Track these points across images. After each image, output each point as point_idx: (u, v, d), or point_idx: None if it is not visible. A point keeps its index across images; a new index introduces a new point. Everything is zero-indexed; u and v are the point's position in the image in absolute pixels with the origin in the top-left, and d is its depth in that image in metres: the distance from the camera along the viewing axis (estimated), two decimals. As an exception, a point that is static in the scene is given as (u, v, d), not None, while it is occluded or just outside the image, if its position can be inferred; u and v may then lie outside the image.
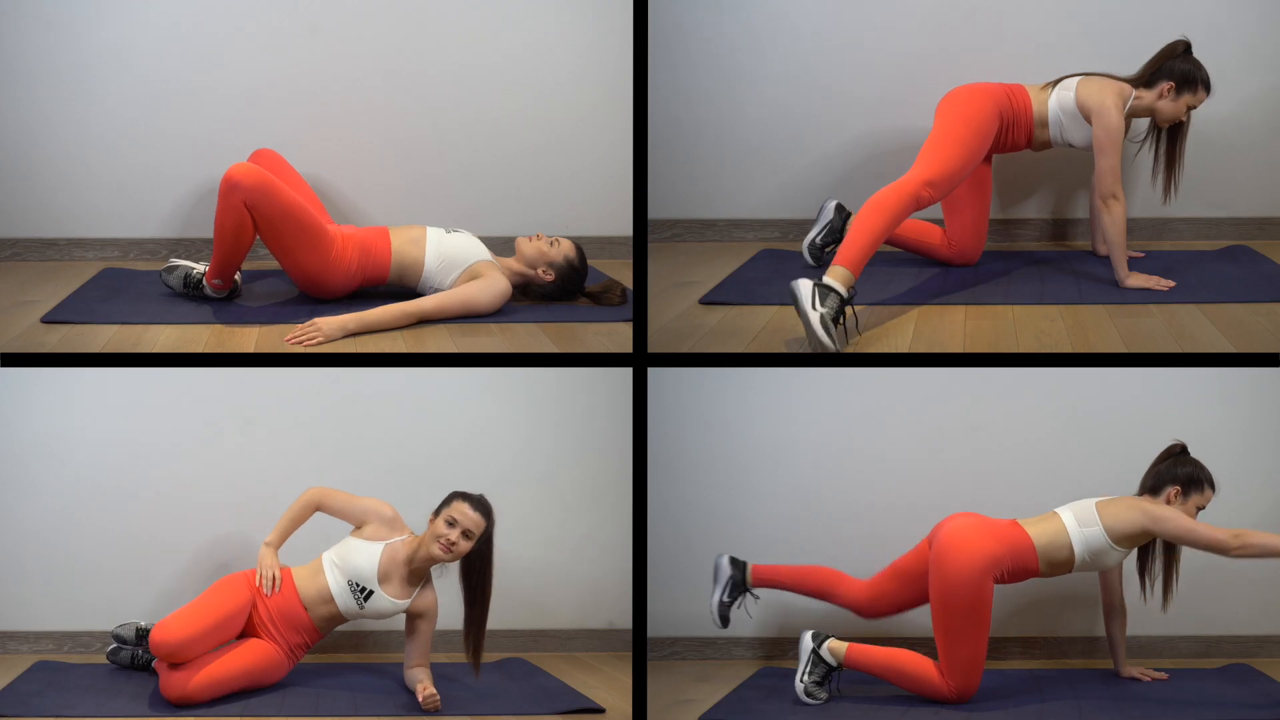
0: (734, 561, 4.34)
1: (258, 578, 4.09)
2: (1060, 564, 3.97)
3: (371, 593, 4.08)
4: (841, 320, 3.94)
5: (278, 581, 4.09)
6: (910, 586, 4.15)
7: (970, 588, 3.87)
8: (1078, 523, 3.97)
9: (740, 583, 4.34)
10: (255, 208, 4.19)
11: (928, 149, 4.31)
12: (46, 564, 4.55)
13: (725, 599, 4.33)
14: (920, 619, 4.46)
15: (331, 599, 4.08)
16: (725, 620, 4.34)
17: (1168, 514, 3.94)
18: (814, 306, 3.90)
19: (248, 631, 4.06)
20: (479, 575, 4.06)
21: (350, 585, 4.08)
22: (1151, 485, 4.07)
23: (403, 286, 4.47)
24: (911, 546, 4.15)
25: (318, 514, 4.23)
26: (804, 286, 3.92)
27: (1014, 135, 4.59)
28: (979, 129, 4.41)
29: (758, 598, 4.39)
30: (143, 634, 4.25)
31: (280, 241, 4.27)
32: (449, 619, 4.31)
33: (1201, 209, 5.07)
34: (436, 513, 4.07)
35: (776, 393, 4.57)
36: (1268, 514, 4.54)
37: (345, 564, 4.09)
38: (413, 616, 4.13)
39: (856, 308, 4.07)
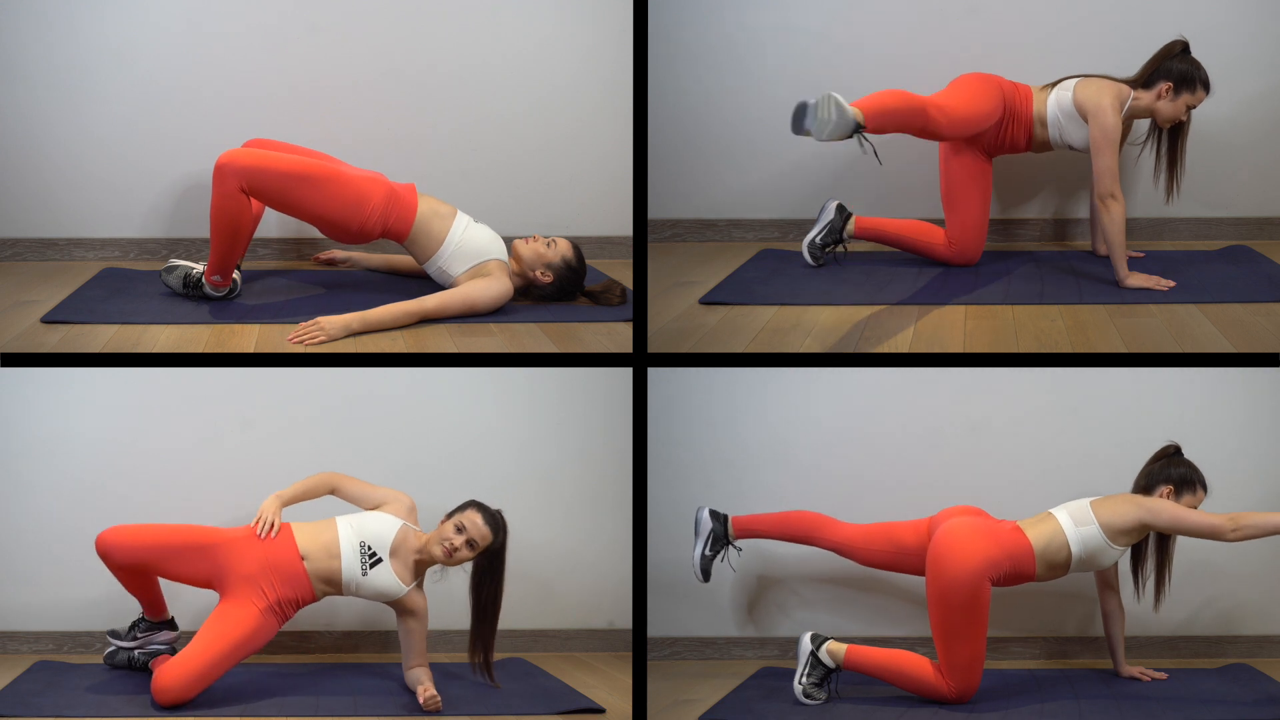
0: (714, 514, 4.32)
1: (255, 521, 4.06)
2: (1058, 566, 3.97)
3: (380, 561, 4.06)
4: (855, 138, 4.03)
5: (276, 528, 4.06)
6: (900, 559, 4.16)
7: (967, 590, 3.86)
8: (1074, 522, 3.97)
9: (722, 535, 4.31)
10: (254, 188, 4.18)
11: (942, 92, 4.43)
12: (46, 564, 4.55)
13: (707, 552, 4.31)
14: (919, 619, 4.46)
15: (338, 555, 4.04)
16: (707, 574, 4.31)
17: (1162, 505, 3.95)
18: (819, 107, 3.98)
19: (224, 591, 3.99)
20: (489, 590, 4.06)
21: (362, 546, 4.06)
22: (1144, 485, 4.08)
23: (413, 251, 4.47)
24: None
25: (330, 505, 4.22)
26: (814, 97, 4.00)
27: (1014, 131, 4.60)
28: (987, 99, 4.51)
29: (740, 550, 4.37)
30: (135, 624, 4.24)
31: (296, 203, 4.25)
32: (449, 619, 4.32)
33: (1201, 209, 5.08)
34: (449, 516, 4.07)
35: (776, 393, 4.57)
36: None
37: (362, 527, 4.07)
38: (405, 616, 4.11)
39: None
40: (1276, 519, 3.86)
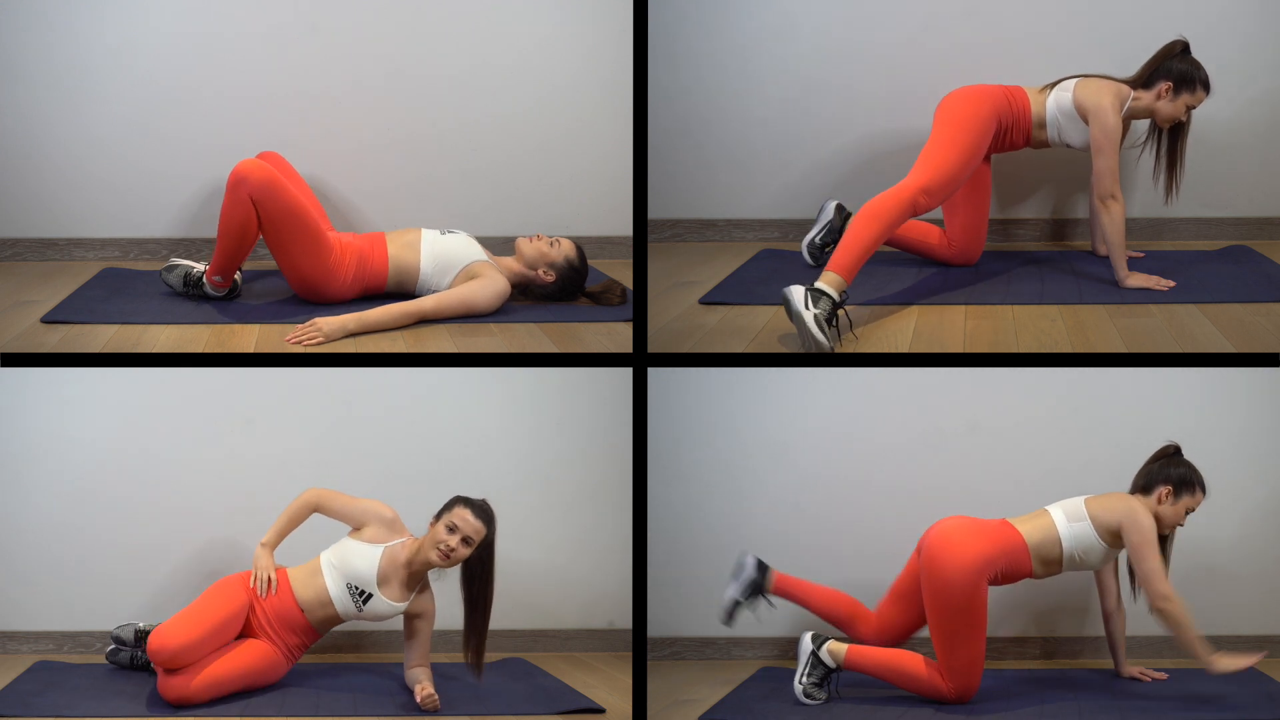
0: (759, 564, 4.30)
1: (252, 579, 4.09)
2: (1052, 562, 3.98)
3: (370, 596, 4.07)
4: (834, 322, 3.95)
5: (273, 584, 4.08)
6: (912, 607, 4.14)
7: (964, 590, 3.86)
8: (1067, 519, 3.97)
9: (759, 586, 4.30)
10: (260, 204, 4.19)
11: (925, 155, 4.31)
12: (46, 564, 4.55)
13: (739, 597, 4.29)
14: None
15: (330, 602, 4.08)
16: (731, 617, 4.28)
17: (1144, 524, 3.91)
18: (807, 307, 3.91)
19: (246, 633, 4.06)
20: (480, 582, 4.05)
21: (349, 588, 4.07)
22: (1143, 485, 4.06)
23: (401, 291, 4.47)
24: (910, 545, 4.14)
25: (316, 515, 4.23)
26: (796, 291, 3.94)
27: (1013, 137, 4.59)
28: (976, 134, 4.41)
29: (774, 606, 4.34)
30: (141, 635, 4.25)
31: (281, 241, 4.27)
32: (450, 619, 4.31)
33: (1201, 209, 5.07)
34: (437, 517, 4.06)
35: (776, 393, 4.57)
36: (1267, 514, 4.55)
37: (344, 567, 4.08)
38: (411, 617, 4.13)
39: (849, 308, 4.08)
40: (1194, 633, 3.86)
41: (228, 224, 4.24)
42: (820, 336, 3.89)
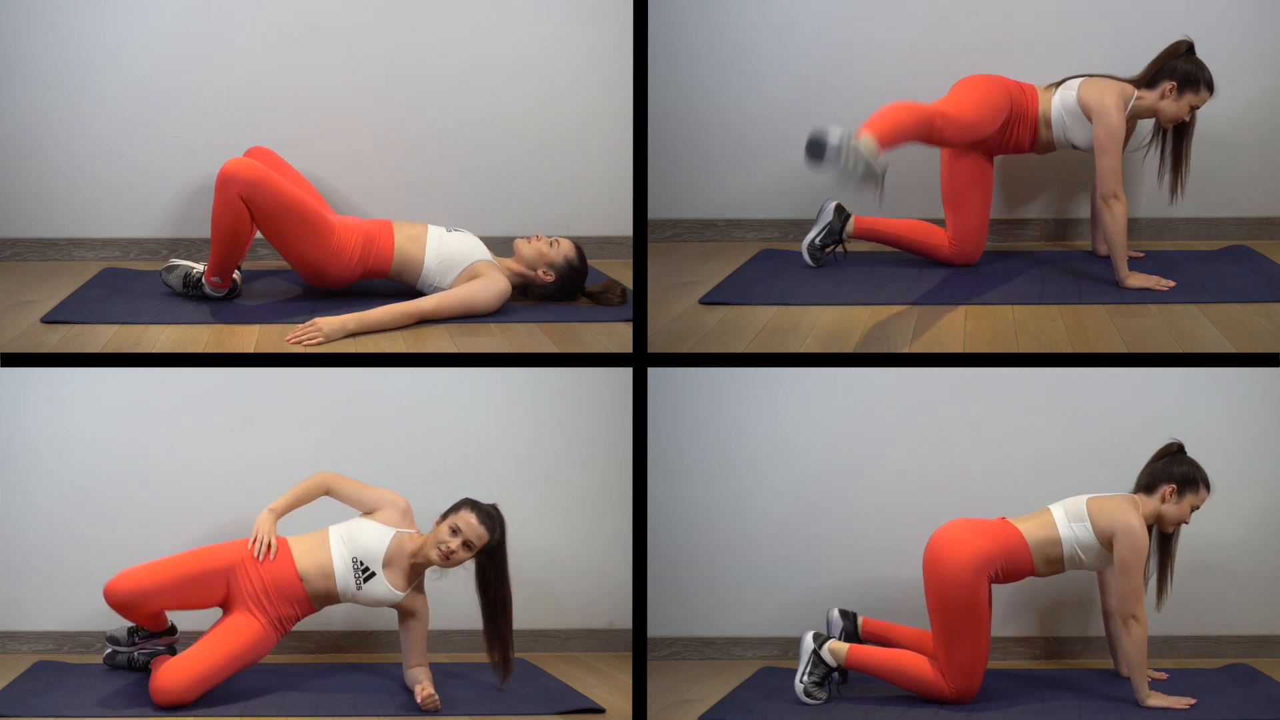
0: (844, 613, 4.26)
1: (252, 541, 4.07)
2: (1054, 561, 3.97)
3: (373, 575, 4.06)
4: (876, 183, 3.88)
5: (273, 549, 4.06)
6: None
7: (965, 589, 3.86)
8: (1067, 518, 3.97)
9: (853, 634, 4.24)
10: (251, 201, 4.19)
11: (946, 98, 4.42)
12: (46, 564, 4.55)
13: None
14: (923, 619, 4.46)
15: (332, 574, 4.06)
16: (844, 676, 4.15)
17: (1138, 541, 3.89)
18: (843, 155, 3.82)
19: (229, 605, 4.01)
20: (496, 586, 4.04)
21: (354, 563, 4.06)
22: (1147, 483, 4.04)
23: (402, 282, 4.48)
24: (909, 544, 4.14)
25: (325, 506, 4.22)
26: (834, 129, 3.84)
27: (1019, 132, 4.59)
28: (993, 103, 4.50)
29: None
30: (134, 630, 4.24)
31: (279, 233, 4.27)
32: (450, 619, 4.32)
33: (1202, 209, 5.07)
34: (443, 517, 4.06)
35: (776, 392, 4.57)
36: (1267, 514, 4.55)
37: (354, 541, 4.07)
38: (405, 616, 4.12)
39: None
40: (1143, 660, 3.92)
41: (219, 224, 4.23)
42: (873, 161, 3.80)
